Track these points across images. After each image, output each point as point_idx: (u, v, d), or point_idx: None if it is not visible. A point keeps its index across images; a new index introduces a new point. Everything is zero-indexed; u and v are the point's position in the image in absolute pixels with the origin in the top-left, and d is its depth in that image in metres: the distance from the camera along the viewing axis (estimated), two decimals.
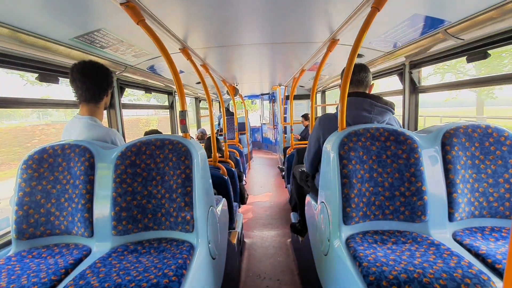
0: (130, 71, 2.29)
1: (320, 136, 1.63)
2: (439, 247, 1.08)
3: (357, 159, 1.27)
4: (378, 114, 1.50)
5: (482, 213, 1.26)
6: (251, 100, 11.93)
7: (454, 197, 1.24)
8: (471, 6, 1.24)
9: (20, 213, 1.26)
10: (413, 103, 2.28)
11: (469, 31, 1.41)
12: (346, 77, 1.36)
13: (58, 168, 1.32)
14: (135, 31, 1.51)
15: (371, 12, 1.24)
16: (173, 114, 3.93)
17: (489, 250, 1.03)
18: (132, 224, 1.27)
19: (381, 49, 2.16)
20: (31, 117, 14.58)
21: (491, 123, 1.31)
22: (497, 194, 1.25)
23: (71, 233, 1.30)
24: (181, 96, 1.51)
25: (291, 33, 1.98)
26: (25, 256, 1.18)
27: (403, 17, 1.49)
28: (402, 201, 1.26)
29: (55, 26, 1.34)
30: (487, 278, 0.87)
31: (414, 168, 1.25)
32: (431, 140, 1.31)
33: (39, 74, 1.59)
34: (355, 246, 1.12)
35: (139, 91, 3.31)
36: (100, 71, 1.49)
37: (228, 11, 1.47)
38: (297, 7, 1.45)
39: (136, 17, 1.28)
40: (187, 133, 1.53)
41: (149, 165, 1.32)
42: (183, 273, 1.03)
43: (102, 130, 1.48)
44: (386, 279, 0.91)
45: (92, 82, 1.45)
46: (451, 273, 0.90)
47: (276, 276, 2.45)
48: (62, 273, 1.05)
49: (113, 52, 1.83)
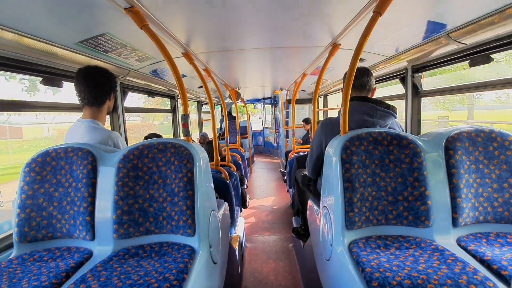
0: (133, 75, 2.30)
1: (322, 141, 1.63)
2: (444, 253, 1.06)
3: (360, 163, 1.27)
4: (381, 118, 1.49)
5: (486, 218, 1.24)
6: (253, 104, 11.96)
7: (458, 202, 1.22)
8: (473, 11, 1.24)
9: (22, 216, 1.26)
10: (415, 107, 2.27)
11: (471, 35, 1.41)
12: (348, 81, 1.36)
13: (61, 171, 1.32)
14: (139, 36, 1.53)
15: (373, 16, 1.25)
16: (175, 118, 3.94)
17: (494, 256, 1.02)
18: (133, 227, 1.27)
19: (383, 53, 2.17)
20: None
21: (495, 127, 1.30)
22: (502, 199, 1.23)
23: (73, 237, 1.30)
24: (184, 100, 1.52)
25: (293, 38, 1.99)
26: (27, 259, 1.18)
27: (405, 22, 1.49)
28: (406, 205, 1.24)
29: (60, 31, 1.35)
30: (493, 285, 0.85)
31: (417, 173, 1.24)
32: (434, 145, 1.30)
33: (43, 78, 1.61)
34: (358, 251, 1.11)
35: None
36: (102, 75, 1.51)
37: (231, 16, 1.48)
38: (299, 12, 1.46)
39: (139, 22, 1.30)
40: (189, 136, 1.54)
41: (151, 168, 1.32)
42: (184, 277, 1.03)
43: (105, 133, 1.49)
44: (390, 285, 0.90)
45: (95, 86, 1.46)
46: (456, 279, 0.88)
47: (278, 281, 2.43)
48: (63, 277, 1.04)
49: (117, 57, 1.84)
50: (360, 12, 1.39)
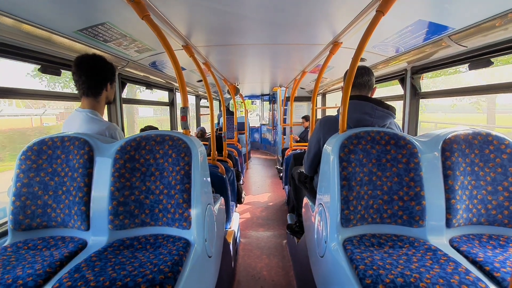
0: (132, 66, 2.28)
1: (320, 138, 1.63)
2: (436, 253, 1.08)
3: (357, 162, 1.27)
4: (379, 118, 1.50)
5: (480, 220, 1.26)
6: (251, 100, 11.93)
7: (453, 203, 1.24)
8: (476, 14, 1.25)
9: (18, 204, 1.25)
10: (413, 108, 2.28)
11: (472, 39, 1.42)
12: (349, 80, 1.36)
13: (57, 160, 1.31)
14: (139, 26, 1.51)
15: (376, 16, 1.25)
16: (173, 111, 3.92)
17: (487, 258, 1.03)
18: (129, 219, 1.27)
19: (383, 53, 2.17)
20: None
21: (491, 130, 1.31)
22: (496, 202, 1.25)
23: (67, 226, 1.29)
24: (183, 92, 1.51)
25: (294, 35, 1.98)
26: (21, 247, 1.17)
27: (408, 22, 1.49)
28: (401, 205, 1.26)
29: (60, 18, 1.33)
30: (485, 286, 0.87)
31: (413, 173, 1.26)
32: (431, 146, 1.31)
33: (41, 65, 1.59)
34: (352, 248, 1.12)
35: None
36: (98, 65, 1.45)
37: (233, 10, 1.47)
38: (301, 9, 1.45)
39: (141, 12, 1.28)
40: (187, 129, 1.53)
41: (149, 160, 1.32)
42: (179, 269, 1.03)
43: (103, 124, 1.47)
44: (383, 283, 0.91)
45: (89, 75, 1.42)
46: (448, 279, 0.90)
47: (271, 277, 2.45)
48: (57, 266, 1.04)
49: (116, 47, 1.82)
50: (363, 11, 1.38)
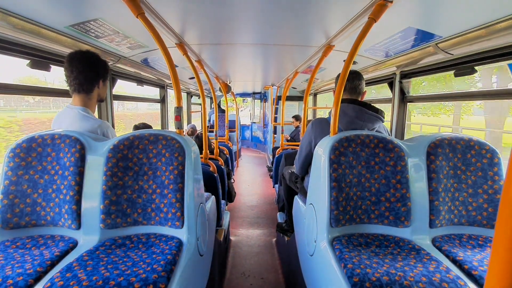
0: (123, 63, 2.25)
1: (312, 140, 1.67)
2: (420, 252, 1.13)
3: (347, 164, 1.31)
4: (369, 121, 1.54)
5: (461, 221, 1.33)
6: (243, 98, 11.90)
7: (436, 205, 1.30)
8: (462, 23, 1.30)
9: (6, 202, 1.23)
10: (401, 112, 2.35)
11: (458, 47, 1.48)
12: (341, 83, 1.40)
13: (47, 158, 1.29)
14: (132, 23, 1.49)
15: (368, 22, 1.28)
16: (164, 108, 3.87)
17: (466, 257, 1.10)
18: (121, 218, 1.27)
19: (373, 57, 2.22)
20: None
21: (474, 136, 1.38)
22: (476, 204, 1.32)
23: (57, 225, 1.28)
24: (177, 91, 1.50)
25: (288, 36, 2.00)
26: (9, 246, 1.15)
27: (398, 29, 1.54)
28: (387, 206, 1.31)
29: (51, 12, 1.30)
30: (464, 283, 0.93)
31: (400, 175, 1.31)
32: (417, 149, 1.37)
33: (31, 60, 1.54)
34: (340, 247, 1.16)
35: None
36: (90, 60, 1.43)
37: (227, 10, 1.47)
38: (295, 11, 1.47)
39: (135, 10, 1.27)
40: (181, 129, 1.53)
41: (141, 159, 1.31)
42: (172, 268, 1.04)
43: (95, 121, 1.45)
44: (370, 281, 0.95)
45: (80, 72, 1.39)
46: (430, 277, 0.95)
47: (260, 274, 2.49)
48: (48, 265, 1.03)
49: (108, 43, 1.79)
50: (356, 16, 1.42)
